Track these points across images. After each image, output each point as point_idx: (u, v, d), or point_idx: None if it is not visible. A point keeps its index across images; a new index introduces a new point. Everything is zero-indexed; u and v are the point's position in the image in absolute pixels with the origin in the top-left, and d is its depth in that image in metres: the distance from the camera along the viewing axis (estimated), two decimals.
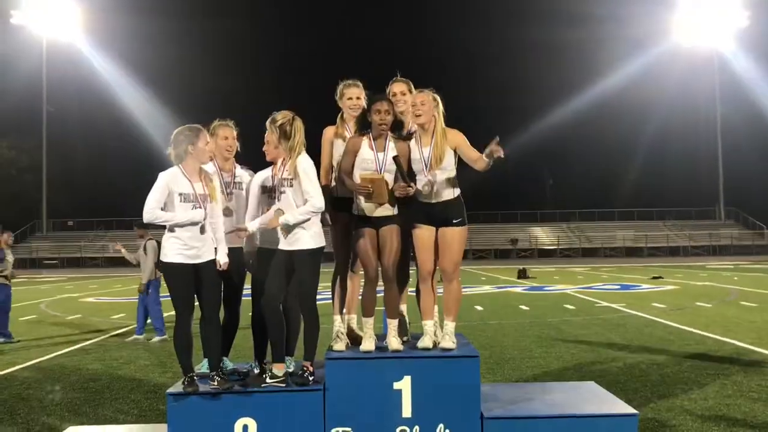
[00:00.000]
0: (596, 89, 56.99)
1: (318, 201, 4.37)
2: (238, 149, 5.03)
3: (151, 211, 4.35)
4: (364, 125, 4.77)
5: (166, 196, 4.38)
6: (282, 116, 4.46)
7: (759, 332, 10.33)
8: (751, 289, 18.39)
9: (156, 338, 10.70)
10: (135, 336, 10.85)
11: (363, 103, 4.93)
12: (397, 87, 4.99)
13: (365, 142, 4.65)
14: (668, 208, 57.82)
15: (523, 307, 14.99)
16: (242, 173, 4.90)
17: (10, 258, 10.93)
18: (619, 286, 21.20)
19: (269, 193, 4.74)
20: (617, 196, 60.33)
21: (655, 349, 9.13)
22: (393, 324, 4.65)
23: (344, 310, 4.95)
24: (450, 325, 4.65)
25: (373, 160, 4.61)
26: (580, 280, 24.51)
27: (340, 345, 4.65)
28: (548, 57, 60.16)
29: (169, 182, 4.37)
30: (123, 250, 11.55)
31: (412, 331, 5.09)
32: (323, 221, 4.69)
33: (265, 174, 4.83)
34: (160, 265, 10.52)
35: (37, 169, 55.35)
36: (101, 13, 54.02)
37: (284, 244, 4.47)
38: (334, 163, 4.92)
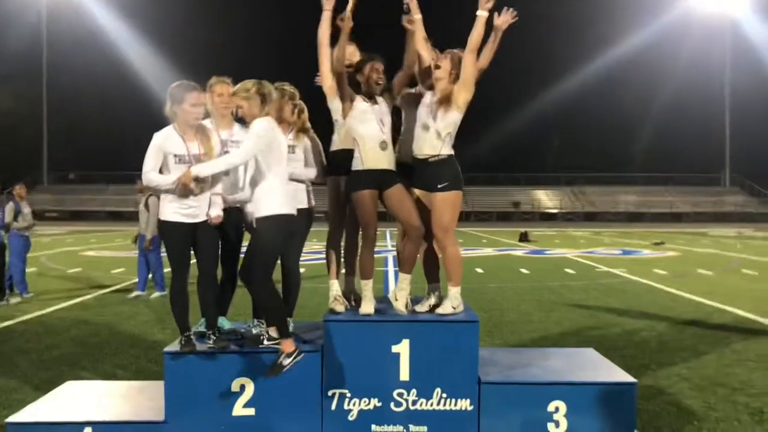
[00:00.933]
0: (606, 54, 56.28)
1: (235, 157, 4.25)
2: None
3: (145, 176, 4.29)
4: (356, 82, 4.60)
5: (162, 158, 4.30)
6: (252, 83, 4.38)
7: (759, 301, 10.31)
8: (753, 257, 18.36)
9: (156, 294, 10.73)
10: (137, 292, 10.86)
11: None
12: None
13: (358, 97, 4.57)
14: (673, 173, 57.55)
15: (524, 271, 14.98)
16: (240, 131, 4.75)
17: (26, 210, 10.85)
18: (620, 251, 21.18)
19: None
20: (622, 161, 60.03)
21: (655, 315, 9.13)
22: (406, 279, 4.61)
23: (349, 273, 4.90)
24: (452, 290, 4.60)
25: (371, 110, 4.54)
26: (581, 245, 24.51)
27: (339, 307, 4.61)
28: (557, 22, 59.18)
29: (161, 144, 4.28)
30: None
31: (414, 294, 5.02)
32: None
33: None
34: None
35: (38, 120, 55.03)
36: None
37: (249, 209, 4.41)
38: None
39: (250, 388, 4.29)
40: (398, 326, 4.35)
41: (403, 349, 4.31)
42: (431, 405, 4.31)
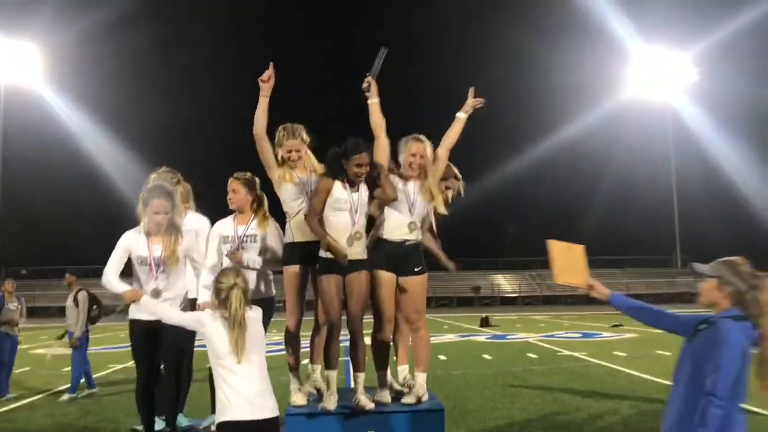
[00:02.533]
0: (554, 137, 58.21)
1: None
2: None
3: (104, 276, 4.22)
4: (336, 170, 4.45)
5: (126, 258, 4.26)
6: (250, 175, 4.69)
7: None
8: None
9: (66, 396, 9.86)
10: (88, 390, 10.35)
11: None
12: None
13: (338, 182, 4.43)
14: (626, 256, 58.73)
15: (487, 356, 14.90)
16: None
17: (12, 306, 10.46)
18: (580, 334, 21.27)
19: (231, 245, 4.73)
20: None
21: (618, 398, 9.12)
22: (361, 378, 4.47)
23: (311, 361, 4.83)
24: (420, 377, 4.54)
25: (347, 200, 4.38)
26: (542, 328, 24.55)
27: (299, 399, 4.51)
28: (505, 105, 61.37)
29: (126, 245, 4.27)
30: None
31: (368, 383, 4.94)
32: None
33: (225, 224, 4.84)
34: (93, 315, 10.20)
35: None
36: (63, 59, 53.68)
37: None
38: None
39: None
40: (362, 418, 4.27)
41: None
42: None
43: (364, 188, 4.48)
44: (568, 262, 4.09)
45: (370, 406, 4.27)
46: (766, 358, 3.02)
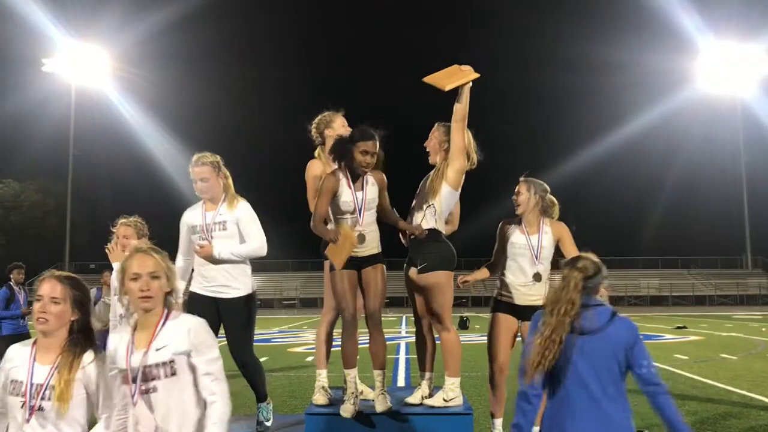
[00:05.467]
0: (620, 135, 56.75)
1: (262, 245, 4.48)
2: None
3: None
4: (340, 154, 4.17)
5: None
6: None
7: None
8: None
9: None
10: None
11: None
12: (517, 187, 4.83)
13: (343, 181, 4.17)
14: (693, 256, 56.79)
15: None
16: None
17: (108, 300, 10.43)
18: (642, 336, 20.52)
19: (200, 234, 4.55)
20: (641, 243, 59.49)
21: (678, 403, 8.65)
22: (380, 376, 4.21)
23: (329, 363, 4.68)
24: (449, 381, 4.32)
25: (352, 201, 4.15)
26: None
27: (322, 399, 4.36)
28: (571, 102, 60.25)
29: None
30: None
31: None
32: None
33: (195, 211, 4.68)
34: None
35: (63, 212, 56.10)
36: (130, 61, 55.36)
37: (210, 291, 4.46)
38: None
39: None
40: (384, 420, 4.08)
41: None
42: None
43: (371, 182, 4.21)
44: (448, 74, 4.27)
45: (383, 408, 4.05)
46: None
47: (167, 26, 56.06)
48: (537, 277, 4.66)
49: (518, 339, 4.85)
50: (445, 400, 4.20)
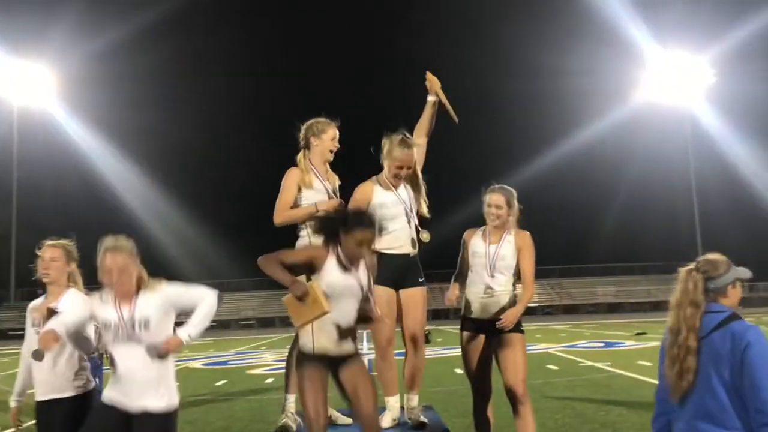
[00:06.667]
0: (572, 142, 57.67)
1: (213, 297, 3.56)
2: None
3: None
4: (330, 237, 3.59)
5: None
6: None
7: None
8: None
9: None
10: None
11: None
12: (495, 199, 4.48)
13: (331, 260, 3.53)
14: (648, 262, 57.82)
15: None
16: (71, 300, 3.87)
17: None
18: (602, 344, 20.61)
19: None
20: (596, 251, 60.35)
21: (645, 410, 8.50)
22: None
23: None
24: (416, 399, 4.10)
25: (342, 289, 3.53)
26: (562, 338, 23.88)
27: (290, 425, 4.03)
28: (522, 110, 60.95)
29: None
30: None
31: None
32: None
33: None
34: None
35: (7, 236, 54.23)
36: (75, 81, 54.00)
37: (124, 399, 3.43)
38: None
39: None
40: None
41: None
42: None
43: (362, 268, 3.59)
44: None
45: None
46: None
47: (114, 46, 55.04)
48: (499, 290, 4.34)
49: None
50: (426, 419, 4.06)
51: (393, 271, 4.18)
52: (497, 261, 4.39)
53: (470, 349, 4.39)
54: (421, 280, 4.35)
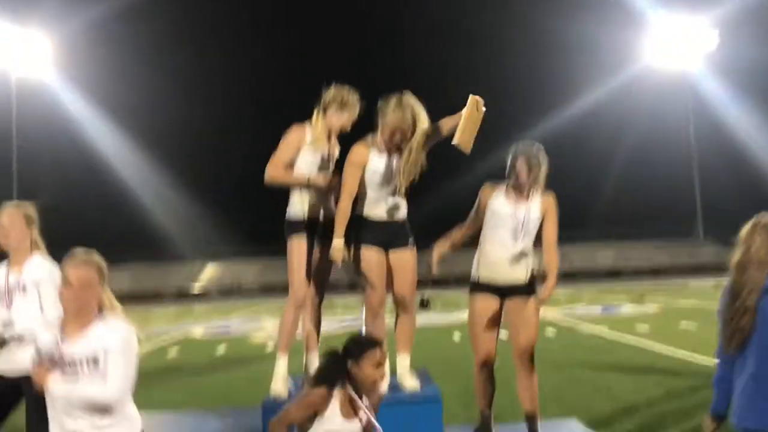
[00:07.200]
0: (572, 109, 57.20)
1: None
2: None
3: None
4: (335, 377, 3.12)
5: None
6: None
7: None
8: None
9: None
10: None
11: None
12: (519, 161, 4.28)
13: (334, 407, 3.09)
14: (647, 228, 57.80)
15: (503, 333, 14.39)
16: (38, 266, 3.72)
17: None
18: (600, 308, 20.72)
19: None
20: (596, 217, 60.32)
21: (642, 374, 8.60)
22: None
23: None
24: (407, 360, 4.13)
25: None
26: (560, 303, 23.99)
27: (281, 388, 4.06)
28: (521, 77, 60.36)
29: None
30: None
31: None
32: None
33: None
34: None
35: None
36: (74, 49, 53.41)
37: None
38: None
39: None
40: None
41: None
42: None
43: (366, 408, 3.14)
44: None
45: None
46: None
47: (114, 12, 54.29)
48: (521, 253, 4.28)
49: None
50: (417, 381, 4.10)
51: (381, 234, 4.14)
52: (527, 225, 4.25)
53: (483, 313, 4.33)
54: (410, 242, 4.27)
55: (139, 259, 51.59)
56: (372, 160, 4.05)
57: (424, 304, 4.20)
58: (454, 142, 4.00)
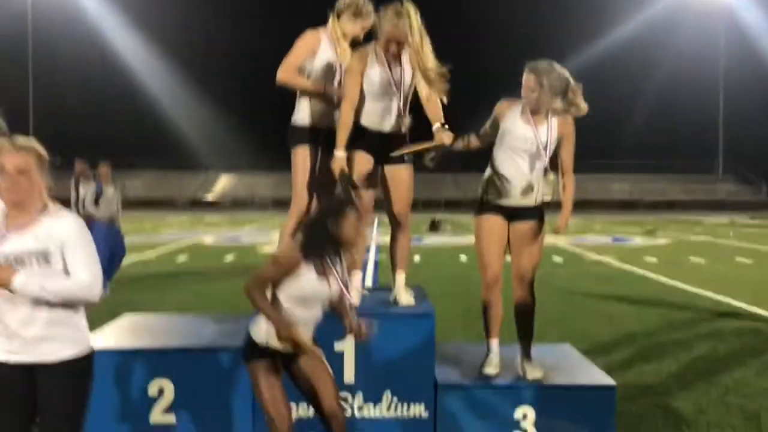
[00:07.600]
0: (600, 41, 55.71)
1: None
2: None
3: None
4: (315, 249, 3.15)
5: None
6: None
7: (755, 291, 9.78)
8: (746, 245, 17.84)
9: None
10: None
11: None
12: (526, 79, 3.99)
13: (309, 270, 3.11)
14: (666, 161, 57.05)
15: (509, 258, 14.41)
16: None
17: (110, 193, 9.30)
18: (611, 239, 20.66)
19: None
20: (615, 147, 59.55)
21: (644, 305, 8.60)
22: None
23: None
24: (402, 277, 4.10)
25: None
26: (571, 231, 23.92)
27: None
28: (550, 7, 58.54)
29: None
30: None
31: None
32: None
33: None
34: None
35: (25, 113, 54.24)
36: None
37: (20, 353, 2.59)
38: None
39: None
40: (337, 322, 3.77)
41: (347, 347, 3.74)
42: (380, 411, 3.74)
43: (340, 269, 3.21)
44: None
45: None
46: None
47: None
48: (534, 176, 4.10)
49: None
50: (413, 297, 4.09)
51: (376, 144, 4.02)
52: (540, 148, 4.05)
53: (491, 231, 4.19)
54: (406, 157, 4.13)
55: (154, 167, 51.83)
56: (371, 70, 3.90)
57: (435, 226, 4.12)
58: (396, 153, 4.03)
